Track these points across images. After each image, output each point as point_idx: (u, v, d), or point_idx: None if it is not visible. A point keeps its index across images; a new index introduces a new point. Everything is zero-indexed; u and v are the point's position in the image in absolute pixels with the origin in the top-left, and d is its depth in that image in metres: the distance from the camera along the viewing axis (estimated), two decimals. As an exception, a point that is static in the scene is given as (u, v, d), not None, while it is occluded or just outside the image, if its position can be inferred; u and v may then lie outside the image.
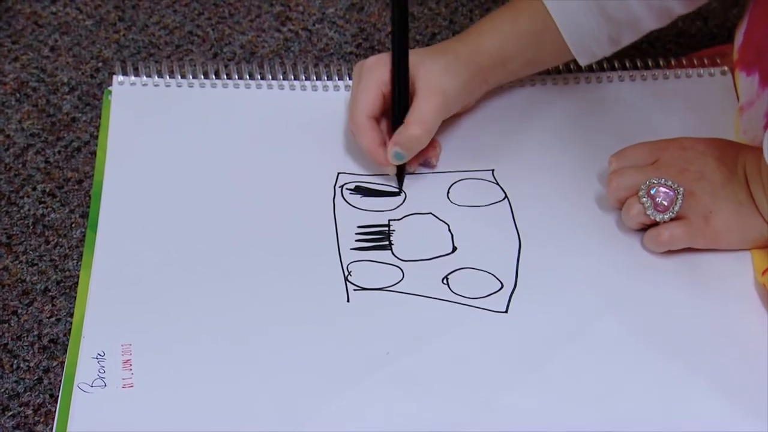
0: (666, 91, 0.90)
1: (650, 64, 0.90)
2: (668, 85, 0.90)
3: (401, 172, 0.81)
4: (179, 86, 0.88)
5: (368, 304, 0.73)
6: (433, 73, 0.79)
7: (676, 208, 0.73)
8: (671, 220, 0.73)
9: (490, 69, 0.82)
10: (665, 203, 0.73)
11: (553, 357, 0.70)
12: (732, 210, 0.74)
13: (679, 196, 0.73)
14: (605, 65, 0.89)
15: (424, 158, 0.82)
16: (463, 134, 0.85)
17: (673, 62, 0.91)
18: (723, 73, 0.89)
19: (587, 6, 0.79)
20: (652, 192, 0.73)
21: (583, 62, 0.83)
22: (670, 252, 0.75)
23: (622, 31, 0.81)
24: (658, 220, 0.73)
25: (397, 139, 0.78)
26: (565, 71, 0.89)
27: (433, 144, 0.81)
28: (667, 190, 0.73)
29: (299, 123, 0.86)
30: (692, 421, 0.68)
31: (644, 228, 0.75)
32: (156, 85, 0.88)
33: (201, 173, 0.82)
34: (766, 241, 0.74)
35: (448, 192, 0.81)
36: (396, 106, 0.80)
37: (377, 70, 0.80)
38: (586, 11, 0.80)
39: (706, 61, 0.90)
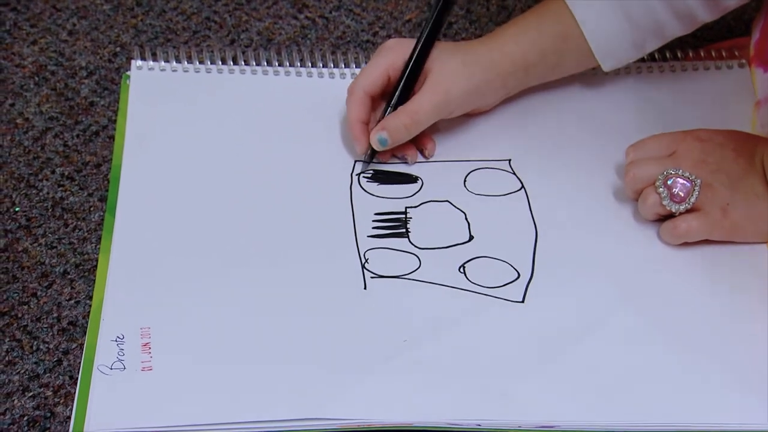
0: (684, 83, 0.90)
1: (668, 56, 0.90)
2: (686, 78, 0.90)
3: (371, 156, 0.81)
4: (197, 72, 0.88)
5: (385, 291, 0.73)
6: (446, 71, 0.80)
7: (693, 200, 0.73)
8: (687, 211, 0.73)
9: (511, 74, 0.82)
10: (682, 194, 0.73)
11: (570, 347, 0.70)
12: (750, 203, 0.74)
13: (696, 188, 0.73)
14: None
15: (403, 152, 0.82)
16: (481, 124, 0.85)
17: (691, 54, 0.91)
18: (741, 65, 0.89)
19: (613, 11, 0.80)
20: (669, 183, 0.73)
21: (606, 68, 0.83)
22: (686, 244, 0.75)
23: (647, 37, 0.81)
24: (674, 211, 0.73)
25: (386, 123, 0.79)
26: None
27: (425, 141, 0.82)
28: (684, 181, 0.73)
29: (316, 110, 0.86)
30: (707, 413, 0.67)
31: (661, 219, 0.75)
32: (174, 71, 0.88)
33: (218, 159, 0.82)
34: None
35: (465, 180, 0.82)
36: (400, 94, 0.80)
37: (393, 53, 0.81)
38: (611, 16, 0.80)
39: (724, 54, 0.90)
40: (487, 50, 0.81)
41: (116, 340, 0.69)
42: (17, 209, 0.77)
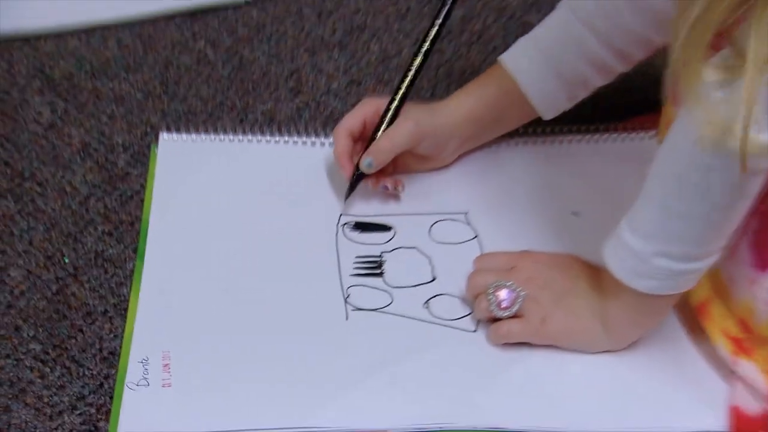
0: (611, 149, 0.90)
1: (600, 128, 0.91)
2: (613, 145, 0.91)
3: (354, 184, 0.82)
4: (212, 142, 0.89)
5: (363, 322, 0.75)
6: (415, 112, 0.81)
7: (515, 308, 0.71)
8: (512, 317, 0.72)
9: (464, 123, 0.83)
10: (506, 303, 0.71)
11: (513, 366, 0.72)
12: (567, 319, 0.71)
13: (520, 299, 0.71)
14: (563, 129, 0.90)
15: (384, 181, 0.82)
16: (442, 184, 0.86)
17: (619, 126, 0.91)
18: (651, 137, 0.88)
19: (546, 71, 0.80)
20: (497, 292, 0.72)
21: (546, 117, 0.83)
22: None
23: (577, 90, 0.81)
24: (498, 316, 0.72)
25: (370, 149, 0.80)
26: (531, 133, 0.90)
27: (395, 179, 0.83)
28: (510, 292, 0.71)
29: (309, 173, 0.86)
30: (657, 417, 0.69)
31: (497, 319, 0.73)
32: (193, 142, 0.89)
33: (229, 214, 0.83)
34: (601, 347, 0.72)
35: (429, 230, 0.82)
36: (384, 127, 0.81)
37: (368, 105, 0.83)
38: (545, 76, 0.80)
39: (644, 126, 0.89)
40: (445, 105, 0.83)
41: (142, 362, 0.70)
42: (66, 260, 0.78)
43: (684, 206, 0.62)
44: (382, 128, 0.81)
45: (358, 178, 0.82)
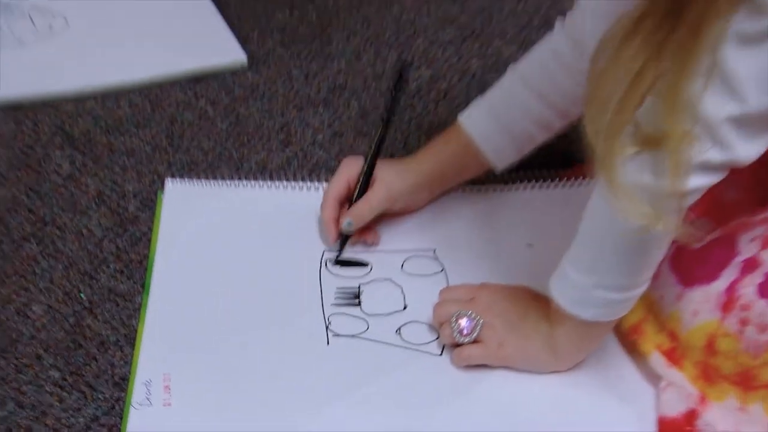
0: (558, 193, 0.91)
1: (547, 175, 0.91)
2: (561, 190, 0.91)
3: (343, 244, 0.82)
4: (212, 188, 0.89)
5: (343, 346, 0.75)
6: (388, 177, 0.82)
7: (475, 335, 0.72)
8: (472, 342, 0.72)
9: (429, 180, 0.84)
10: (466, 330, 0.72)
11: (474, 385, 0.72)
12: (519, 343, 0.72)
13: (478, 326, 0.72)
14: (518, 176, 0.90)
15: (364, 238, 0.83)
16: (414, 225, 0.86)
17: (562, 173, 0.91)
18: (588, 184, 0.87)
19: (497, 130, 0.81)
20: (459, 321, 0.72)
21: (499, 169, 0.83)
22: None
23: (523, 145, 0.82)
24: (460, 341, 0.72)
25: (350, 212, 0.81)
26: (489, 181, 0.89)
27: (372, 233, 0.84)
28: (470, 320, 0.72)
29: (297, 214, 0.86)
30: (590, 422, 0.70)
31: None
32: (195, 188, 0.90)
33: (226, 251, 0.82)
34: (550, 368, 0.72)
35: (402, 265, 0.83)
36: (358, 194, 0.81)
37: (348, 167, 0.83)
38: (498, 133, 0.81)
39: (584, 173, 0.88)
40: (413, 163, 0.83)
41: (145, 384, 0.70)
42: (83, 296, 0.78)
43: (612, 252, 0.64)
44: (357, 193, 0.82)
45: (344, 239, 0.82)
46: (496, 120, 0.81)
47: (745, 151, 0.56)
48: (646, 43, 0.52)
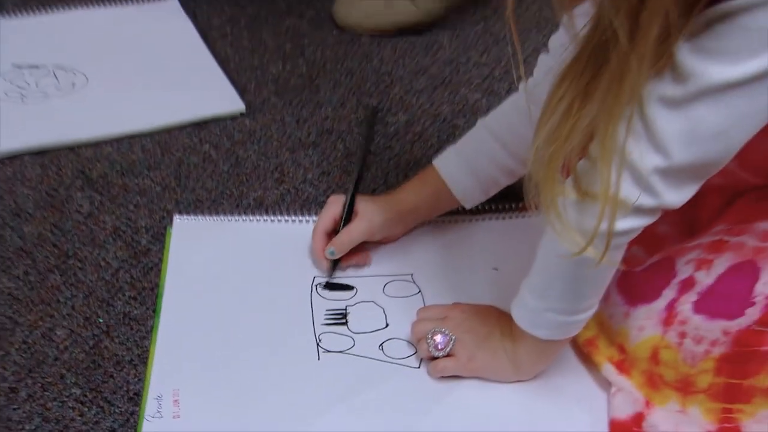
0: (520, 223, 0.91)
1: (511, 207, 0.91)
2: (520, 221, 0.91)
3: (332, 268, 0.82)
4: (215, 222, 0.89)
5: (332, 361, 0.75)
6: (369, 211, 0.82)
7: (448, 349, 0.72)
8: (446, 356, 0.72)
9: (406, 214, 0.84)
10: (441, 345, 0.72)
11: (448, 393, 0.72)
12: (487, 357, 0.72)
13: (451, 342, 0.72)
14: (484, 208, 0.90)
15: (354, 262, 0.83)
16: (393, 253, 0.87)
17: (522, 206, 0.90)
18: None
19: (467, 174, 0.82)
20: (434, 337, 0.72)
21: (467, 207, 0.84)
22: None
23: (489, 188, 0.83)
24: (436, 355, 0.72)
25: (333, 241, 0.81)
26: (460, 213, 0.89)
27: (363, 256, 0.84)
28: (444, 337, 0.72)
29: (290, 244, 0.86)
30: (553, 422, 0.70)
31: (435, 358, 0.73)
32: (200, 223, 0.89)
33: (228, 278, 0.82)
34: (514, 378, 0.72)
35: (384, 288, 0.83)
36: (342, 226, 0.82)
37: (334, 205, 0.84)
38: (466, 177, 0.82)
39: None
40: (391, 199, 0.84)
41: (157, 398, 0.70)
42: (101, 320, 0.78)
43: (560, 281, 0.65)
44: (341, 226, 0.83)
45: (333, 264, 0.83)
46: (466, 165, 0.82)
47: (672, 198, 0.57)
48: (573, 85, 0.53)
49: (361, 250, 0.84)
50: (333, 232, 0.83)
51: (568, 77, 0.53)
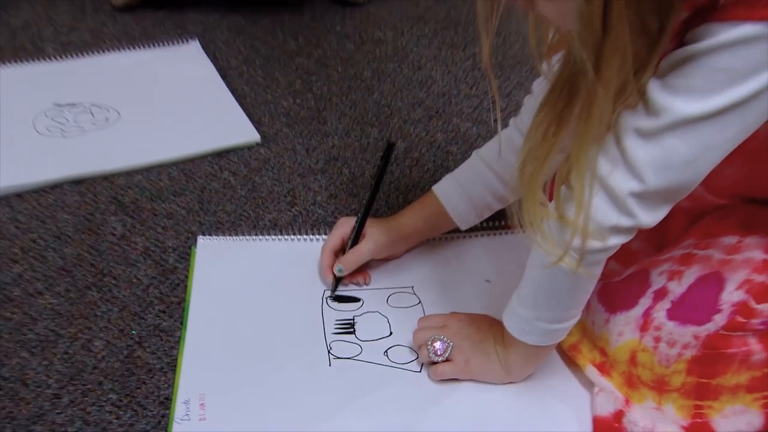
0: (508, 240, 0.90)
1: (501, 225, 0.91)
2: (509, 238, 0.91)
3: (336, 285, 0.81)
4: (234, 242, 0.89)
5: (342, 367, 0.74)
6: (375, 232, 0.82)
7: (447, 355, 0.71)
8: (445, 361, 0.72)
9: (408, 235, 0.84)
10: (440, 351, 0.71)
11: (447, 395, 0.72)
12: (481, 360, 0.71)
13: (449, 348, 0.71)
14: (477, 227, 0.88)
15: (356, 279, 0.82)
16: (396, 267, 0.86)
17: (512, 225, 0.86)
18: None
19: (463, 199, 0.81)
20: (434, 344, 0.72)
21: (463, 228, 0.84)
22: None
23: (483, 212, 0.83)
24: (435, 360, 0.72)
25: (340, 259, 0.81)
26: (454, 232, 0.88)
27: (363, 276, 0.83)
28: (442, 343, 0.72)
29: (303, 261, 0.86)
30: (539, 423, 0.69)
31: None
32: (221, 243, 0.89)
33: (247, 292, 0.82)
34: (506, 380, 0.72)
35: (387, 299, 0.82)
36: (349, 246, 0.81)
37: (342, 226, 0.83)
38: (463, 202, 0.81)
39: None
40: (394, 222, 0.83)
41: (185, 402, 0.70)
42: (134, 332, 0.78)
43: (548, 293, 0.65)
44: (349, 245, 0.82)
45: (337, 280, 0.82)
46: (462, 191, 0.81)
47: (647, 218, 0.57)
48: (550, 112, 0.54)
49: (363, 269, 0.84)
50: (340, 251, 0.83)
51: (546, 105, 0.54)
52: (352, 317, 0.80)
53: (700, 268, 0.65)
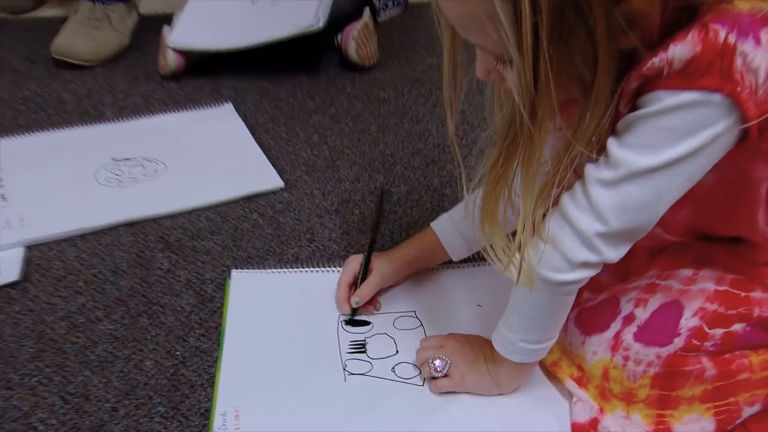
0: (495, 271, 0.81)
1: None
2: (495, 269, 0.85)
3: (354, 314, 0.81)
4: (262, 275, 0.88)
5: (355, 382, 0.74)
6: (381, 266, 0.81)
7: (445, 371, 0.71)
8: (444, 376, 0.71)
9: (409, 263, 0.83)
10: (439, 368, 0.71)
11: (446, 406, 0.71)
12: (474, 376, 0.71)
13: (447, 365, 0.71)
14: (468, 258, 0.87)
15: (368, 309, 0.82)
16: (399, 294, 0.85)
17: None
18: None
19: (456, 235, 0.80)
20: (434, 362, 0.71)
21: (455, 260, 0.83)
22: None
23: (472, 246, 0.81)
24: (435, 376, 0.71)
25: (357, 293, 0.80)
26: (450, 263, 0.86)
27: (375, 303, 0.82)
28: (442, 361, 0.71)
29: (321, 290, 0.85)
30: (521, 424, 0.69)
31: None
32: (252, 275, 0.88)
33: (275, 318, 0.81)
34: (497, 392, 0.71)
35: (393, 322, 0.81)
36: (360, 280, 0.81)
37: (353, 263, 0.82)
38: (455, 237, 0.80)
39: None
40: (397, 253, 0.82)
41: (222, 414, 0.69)
42: (179, 353, 0.78)
43: (529, 317, 0.66)
44: (360, 280, 0.82)
45: (354, 310, 0.81)
46: (455, 227, 0.81)
47: (611, 254, 0.58)
48: (501, 144, 0.54)
49: (373, 298, 0.83)
50: (353, 284, 0.82)
51: (500, 139, 0.54)
52: (363, 338, 0.80)
53: (662, 297, 0.65)
